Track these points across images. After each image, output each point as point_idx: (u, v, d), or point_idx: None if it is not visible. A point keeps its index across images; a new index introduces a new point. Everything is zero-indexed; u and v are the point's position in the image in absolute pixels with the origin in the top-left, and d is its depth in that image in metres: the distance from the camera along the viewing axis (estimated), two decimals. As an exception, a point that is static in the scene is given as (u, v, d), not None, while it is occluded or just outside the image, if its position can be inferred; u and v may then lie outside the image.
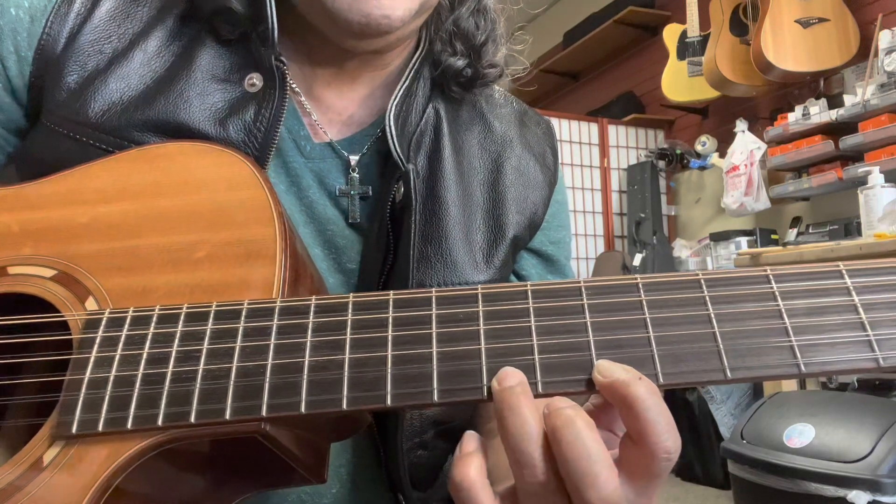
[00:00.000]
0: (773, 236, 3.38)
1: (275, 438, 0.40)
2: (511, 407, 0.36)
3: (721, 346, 0.37)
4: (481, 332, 0.39)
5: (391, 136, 0.61)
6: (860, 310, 0.38)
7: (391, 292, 0.41)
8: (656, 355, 0.38)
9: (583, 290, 0.40)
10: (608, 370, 0.37)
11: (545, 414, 0.37)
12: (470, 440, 0.39)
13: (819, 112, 3.01)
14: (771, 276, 0.39)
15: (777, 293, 0.39)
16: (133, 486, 0.40)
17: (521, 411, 0.36)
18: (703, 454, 3.08)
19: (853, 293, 0.38)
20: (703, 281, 0.39)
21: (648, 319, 0.39)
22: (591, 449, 0.35)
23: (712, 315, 0.38)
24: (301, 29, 0.63)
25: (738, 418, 2.56)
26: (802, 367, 0.36)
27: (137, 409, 0.39)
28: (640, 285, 0.40)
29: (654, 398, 0.36)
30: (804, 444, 1.95)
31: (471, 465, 0.38)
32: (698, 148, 3.90)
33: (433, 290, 0.41)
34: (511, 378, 0.37)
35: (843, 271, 0.39)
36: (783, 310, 0.38)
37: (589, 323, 0.39)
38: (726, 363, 0.37)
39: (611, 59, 4.77)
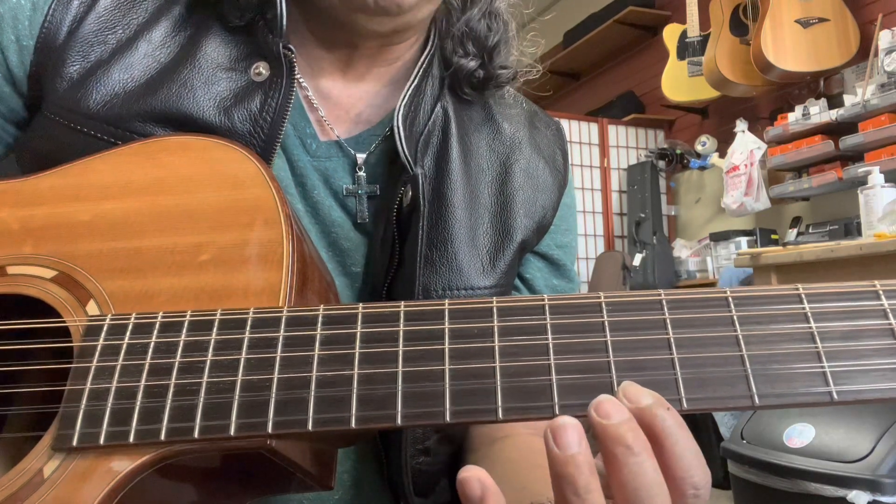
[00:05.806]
0: (773, 236, 3.38)
1: (280, 453, 0.38)
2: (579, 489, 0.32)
3: (749, 370, 0.35)
4: (496, 349, 0.37)
5: (399, 136, 0.59)
6: None
7: (402, 303, 0.40)
8: (680, 379, 0.36)
9: (603, 305, 0.38)
10: (635, 395, 0.34)
11: (601, 437, 0.33)
12: (471, 486, 0.33)
13: (819, 112, 3.01)
14: (803, 295, 0.37)
15: (809, 314, 0.37)
16: (135, 501, 0.39)
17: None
18: (703, 454, 3.08)
19: (890, 316, 0.36)
20: (730, 299, 0.37)
21: (672, 340, 0.37)
22: (654, 483, 0.33)
23: (740, 336, 0.36)
24: (311, 19, 0.62)
25: (738, 418, 2.55)
26: (835, 396, 0.34)
27: (139, 422, 0.37)
28: (664, 302, 0.38)
29: (681, 431, 0.34)
30: (804, 444, 1.94)
31: None
32: (698, 148, 3.90)
33: (446, 302, 0.39)
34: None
35: (880, 292, 0.37)
36: (816, 332, 0.36)
37: (610, 342, 0.37)
38: (755, 389, 0.35)
39: (611, 59, 4.76)
